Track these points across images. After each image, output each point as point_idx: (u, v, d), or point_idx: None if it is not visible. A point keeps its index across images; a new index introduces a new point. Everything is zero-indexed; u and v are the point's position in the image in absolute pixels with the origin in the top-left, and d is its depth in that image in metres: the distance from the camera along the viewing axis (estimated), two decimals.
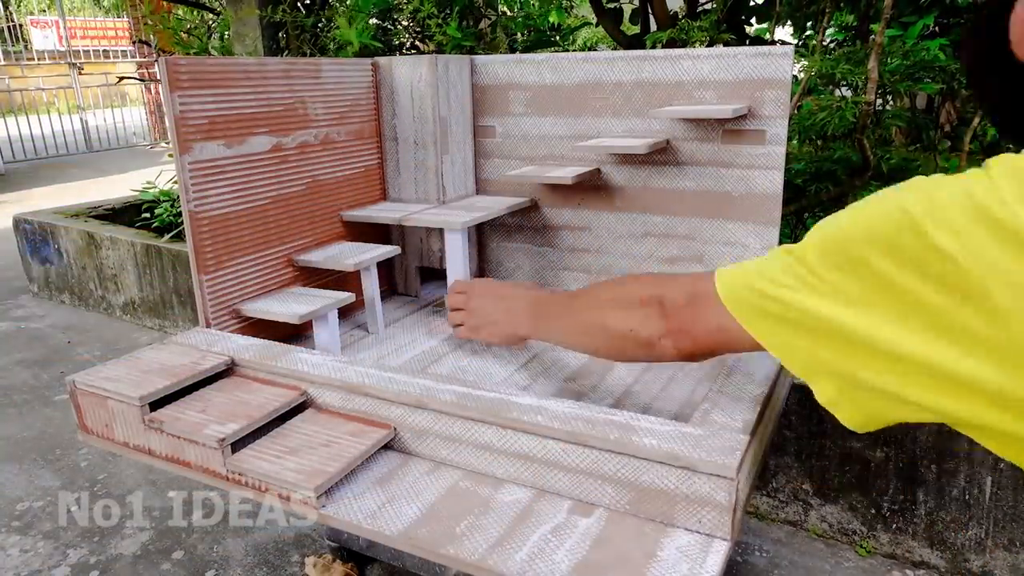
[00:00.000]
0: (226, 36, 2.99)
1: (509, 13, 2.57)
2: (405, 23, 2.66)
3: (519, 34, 2.45)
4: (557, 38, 2.51)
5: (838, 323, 0.55)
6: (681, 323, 0.74)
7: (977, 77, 0.64)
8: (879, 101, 2.48)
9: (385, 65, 1.34)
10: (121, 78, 4.96)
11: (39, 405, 2.36)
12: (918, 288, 0.50)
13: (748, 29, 2.61)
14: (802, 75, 2.03)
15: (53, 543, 1.65)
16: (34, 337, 2.98)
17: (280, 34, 2.79)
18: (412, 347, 1.21)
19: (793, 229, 2.14)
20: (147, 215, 3.30)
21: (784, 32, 2.85)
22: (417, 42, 2.64)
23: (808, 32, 2.65)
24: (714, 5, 2.37)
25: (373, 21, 2.58)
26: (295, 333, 1.22)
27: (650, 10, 2.49)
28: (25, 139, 8.44)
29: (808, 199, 2.11)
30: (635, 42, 2.52)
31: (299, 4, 2.81)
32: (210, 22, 3.31)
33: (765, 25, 2.57)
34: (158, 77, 1.01)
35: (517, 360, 1.15)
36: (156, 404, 0.92)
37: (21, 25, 13.32)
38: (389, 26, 2.70)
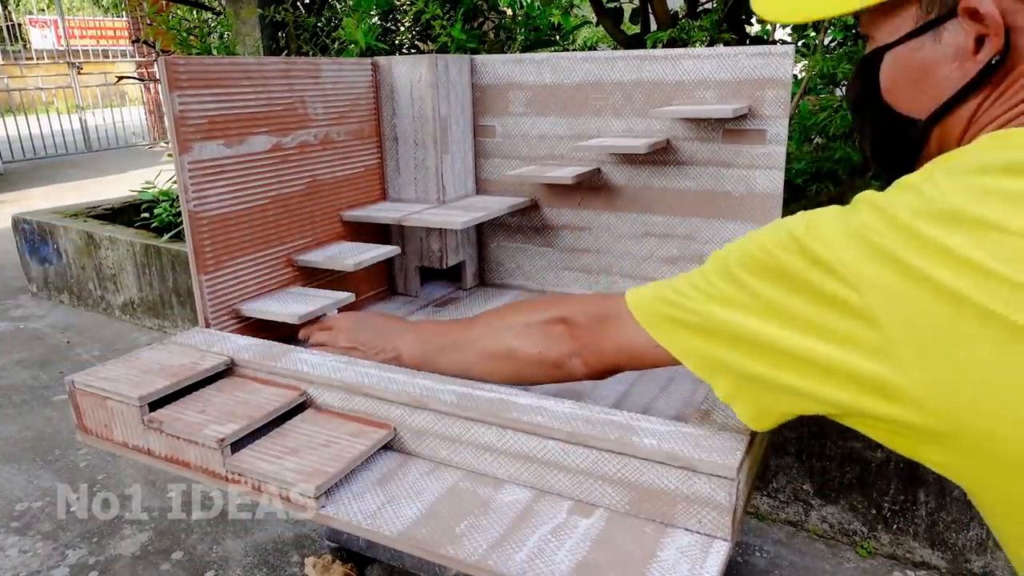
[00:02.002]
0: (226, 36, 2.98)
1: (510, 13, 2.56)
2: (407, 23, 2.66)
3: (519, 31, 2.45)
4: (557, 38, 2.51)
5: (731, 324, 0.63)
6: (589, 341, 0.80)
7: (857, 117, 0.74)
8: None
9: (385, 65, 1.34)
10: (120, 78, 4.96)
11: (38, 405, 2.36)
12: (799, 296, 0.57)
13: (748, 29, 2.61)
14: (802, 75, 2.03)
15: (52, 543, 1.65)
16: (33, 337, 2.98)
17: (280, 34, 2.79)
18: None
19: None
20: (146, 215, 3.29)
21: (784, 32, 2.85)
22: (417, 42, 2.64)
23: (808, 32, 2.65)
24: (714, 5, 2.37)
25: (375, 21, 2.58)
26: (295, 333, 1.21)
27: (650, 10, 2.49)
28: (24, 139, 8.43)
29: (808, 199, 2.11)
30: (635, 42, 2.52)
31: (299, 4, 2.81)
32: (209, 21, 3.30)
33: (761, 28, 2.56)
34: (157, 77, 1.01)
35: None
36: (155, 404, 0.91)
37: (20, 24, 13.31)
38: (391, 26, 2.70)
